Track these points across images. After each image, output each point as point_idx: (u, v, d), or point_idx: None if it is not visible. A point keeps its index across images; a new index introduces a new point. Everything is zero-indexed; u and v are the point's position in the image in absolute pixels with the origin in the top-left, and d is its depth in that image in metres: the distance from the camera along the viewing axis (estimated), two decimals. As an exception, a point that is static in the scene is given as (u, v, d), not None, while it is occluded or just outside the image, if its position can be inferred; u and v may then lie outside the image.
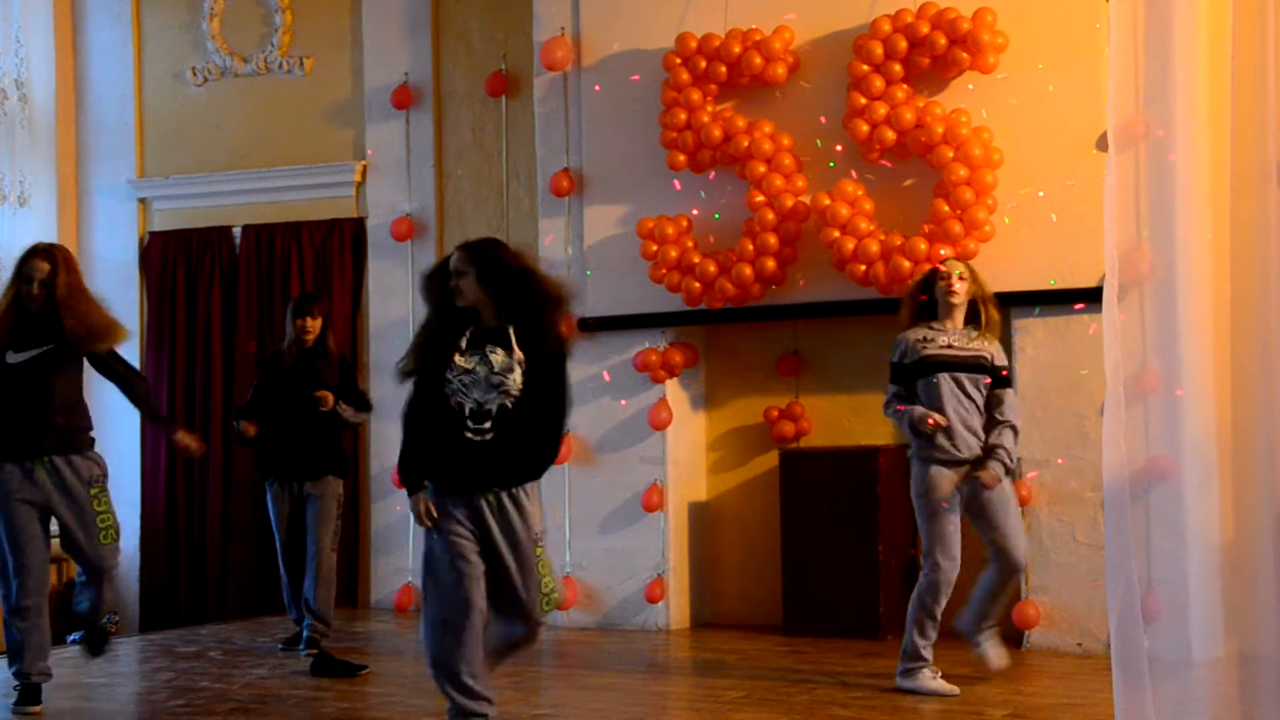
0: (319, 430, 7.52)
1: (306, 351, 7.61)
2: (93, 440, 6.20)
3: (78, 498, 6.02)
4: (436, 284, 5.10)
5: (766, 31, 7.98)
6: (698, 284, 8.04)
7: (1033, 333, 7.46)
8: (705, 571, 8.55)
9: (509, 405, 4.92)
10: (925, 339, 6.30)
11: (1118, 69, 4.31)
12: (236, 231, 10.05)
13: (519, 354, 4.95)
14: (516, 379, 4.93)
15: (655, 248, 8.16)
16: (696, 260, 8.06)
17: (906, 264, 7.49)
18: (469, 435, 4.94)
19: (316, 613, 7.45)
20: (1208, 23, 4.41)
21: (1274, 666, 4.02)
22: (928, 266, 7.46)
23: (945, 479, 6.17)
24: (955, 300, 6.31)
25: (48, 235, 10.38)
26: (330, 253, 9.72)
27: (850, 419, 8.28)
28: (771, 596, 8.11)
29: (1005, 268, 7.50)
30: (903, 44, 7.60)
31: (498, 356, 4.95)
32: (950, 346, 6.26)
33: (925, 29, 7.55)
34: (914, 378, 6.28)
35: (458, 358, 4.99)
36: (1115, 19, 4.31)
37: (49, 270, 6.02)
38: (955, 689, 6.13)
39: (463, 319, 5.05)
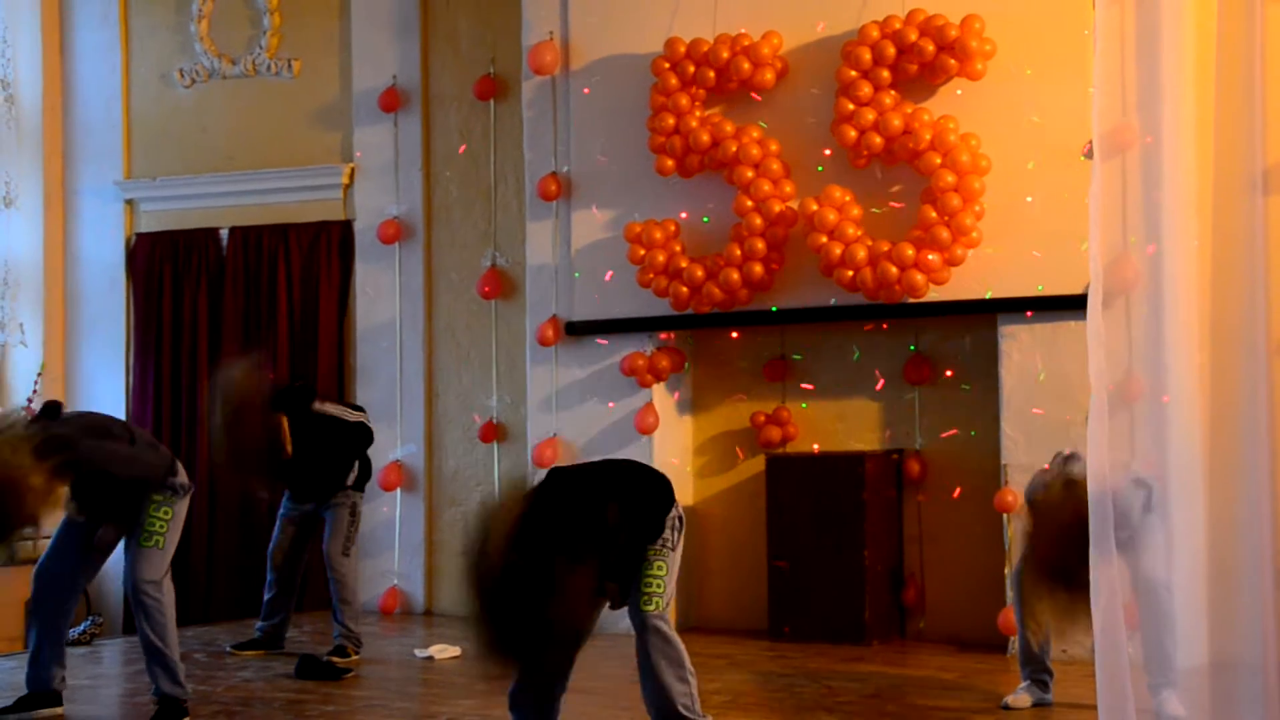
0: (326, 458, 7.44)
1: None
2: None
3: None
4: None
5: (755, 37, 7.99)
6: (685, 288, 8.04)
7: (1019, 339, 7.47)
8: (691, 575, 8.54)
9: None
10: None
11: (1103, 76, 4.32)
12: (224, 233, 10.02)
13: None
14: None
15: (643, 252, 8.16)
16: (684, 265, 8.06)
17: (894, 270, 7.50)
18: None
19: (342, 628, 7.42)
20: (1194, 30, 4.42)
21: (1257, 674, 4.02)
22: (915, 273, 7.49)
23: None
24: None
25: (34, 237, 10.38)
26: (318, 255, 9.70)
27: (837, 424, 8.28)
28: (757, 600, 8.10)
29: (992, 274, 7.53)
30: (891, 50, 7.61)
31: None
32: None
33: (913, 36, 7.56)
34: None
35: None
36: (1101, 26, 4.32)
37: None
38: None
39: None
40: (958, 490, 7.87)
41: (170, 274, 10.12)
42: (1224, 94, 4.17)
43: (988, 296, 7.47)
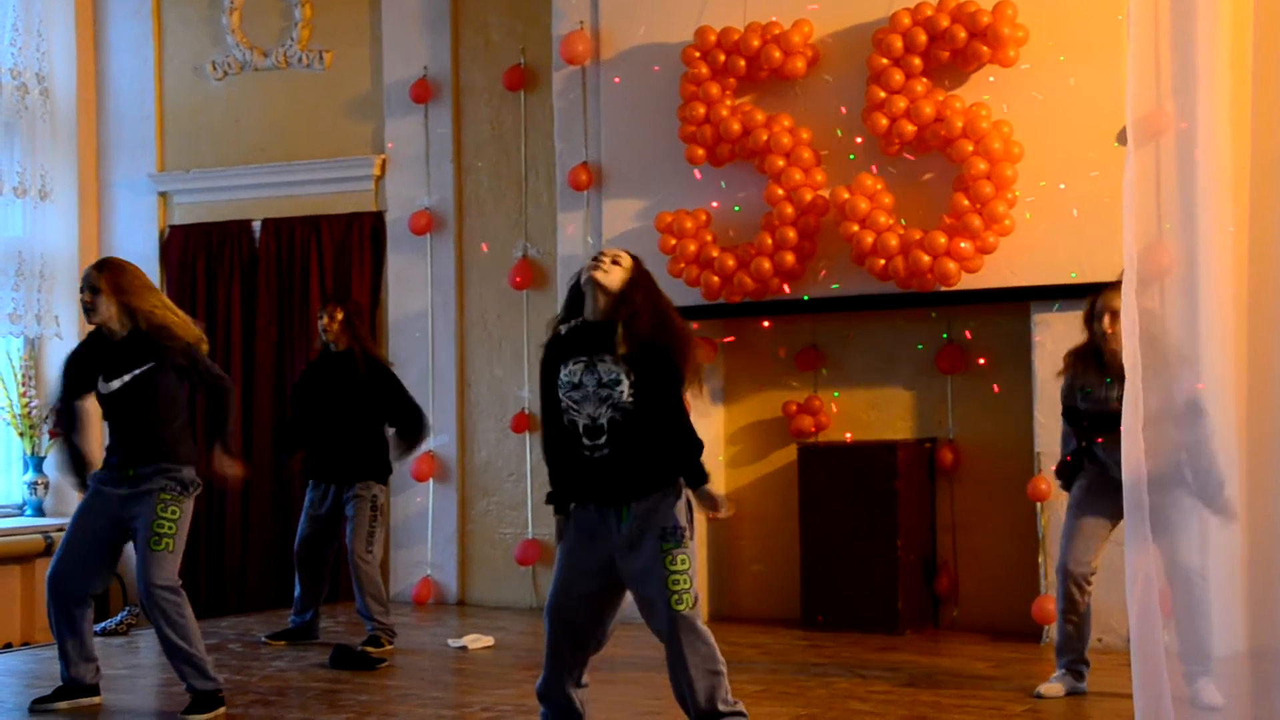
0: (351, 434, 7.50)
1: (338, 354, 7.60)
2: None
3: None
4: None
5: (785, 25, 7.97)
6: (716, 278, 8.03)
7: (1052, 326, 7.43)
8: (723, 565, 8.54)
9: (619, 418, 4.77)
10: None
11: (1137, 61, 4.29)
12: (256, 225, 10.06)
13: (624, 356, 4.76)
14: (625, 390, 4.77)
15: (674, 241, 8.15)
16: (715, 254, 8.05)
17: (925, 258, 7.47)
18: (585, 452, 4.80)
19: (370, 621, 7.42)
20: (1229, 14, 4.39)
21: (1294, 662, 4.00)
22: (947, 261, 7.46)
23: None
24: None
25: (69, 229, 10.44)
26: (349, 246, 9.73)
27: (869, 413, 8.26)
28: (789, 590, 8.10)
29: (1025, 261, 7.49)
30: (922, 37, 7.57)
31: (605, 365, 4.80)
32: None
33: (945, 22, 7.52)
34: None
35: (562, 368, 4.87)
36: (1135, 11, 4.28)
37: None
38: None
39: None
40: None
41: (204, 266, 10.17)
42: (1260, 79, 4.14)
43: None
